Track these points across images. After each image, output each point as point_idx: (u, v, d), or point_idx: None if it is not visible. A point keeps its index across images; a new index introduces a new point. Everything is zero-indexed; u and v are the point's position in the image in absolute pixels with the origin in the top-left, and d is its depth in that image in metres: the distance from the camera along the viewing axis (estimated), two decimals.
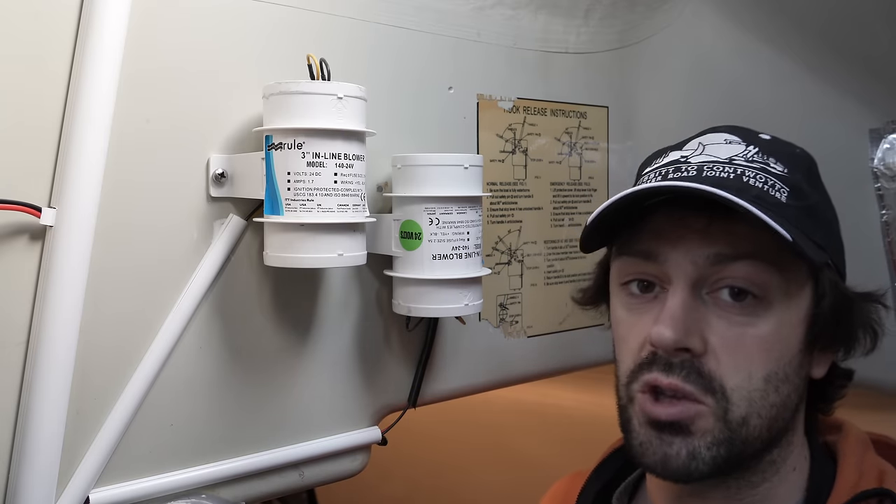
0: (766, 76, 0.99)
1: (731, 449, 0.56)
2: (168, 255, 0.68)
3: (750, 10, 0.99)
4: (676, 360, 0.56)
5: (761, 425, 0.56)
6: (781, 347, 0.56)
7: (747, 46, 1.00)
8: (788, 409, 0.58)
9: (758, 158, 0.59)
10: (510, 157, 0.93)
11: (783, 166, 0.58)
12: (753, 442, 0.57)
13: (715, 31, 1.03)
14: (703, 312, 0.57)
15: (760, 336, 0.56)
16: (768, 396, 0.56)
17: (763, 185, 0.56)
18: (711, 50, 1.04)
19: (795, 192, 0.57)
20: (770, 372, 0.56)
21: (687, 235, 0.57)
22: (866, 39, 0.90)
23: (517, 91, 0.93)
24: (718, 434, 0.55)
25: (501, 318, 0.92)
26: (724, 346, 0.56)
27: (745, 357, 0.56)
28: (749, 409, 0.56)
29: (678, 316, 0.56)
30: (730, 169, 0.58)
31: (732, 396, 0.55)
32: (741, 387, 0.56)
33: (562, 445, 1.62)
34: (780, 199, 0.56)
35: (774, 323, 0.56)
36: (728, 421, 0.55)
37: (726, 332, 0.56)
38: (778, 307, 0.56)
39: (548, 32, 0.96)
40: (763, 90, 0.99)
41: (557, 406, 1.58)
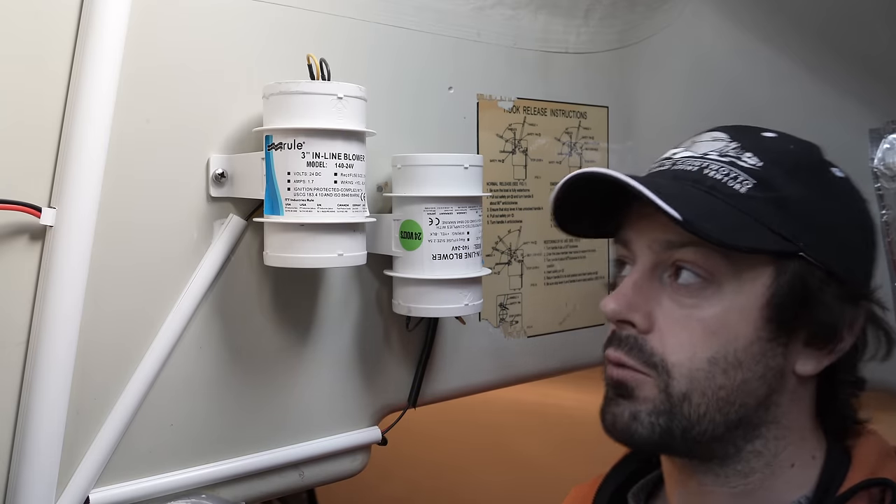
0: (765, 76, 0.99)
1: (671, 421, 0.58)
2: (168, 255, 0.68)
3: (750, 9, 0.99)
4: (624, 334, 0.61)
5: (707, 405, 0.58)
6: (729, 331, 0.58)
7: (747, 46, 1.00)
8: (751, 397, 0.59)
9: (732, 153, 0.61)
10: (510, 157, 0.93)
11: (760, 160, 0.60)
12: (701, 420, 0.58)
13: (715, 31, 1.03)
14: (657, 293, 0.60)
15: (704, 318, 0.58)
16: (714, 378, 0.58)
17: (723, 178, 0.59)
18: (711, 50, 1.04)
19: (763, 184, 0.58)
20: (715, 354, 0.58)
21: (643, 222, 0.62)
22: (866, 39, 0.90)
23: (517, 91, 0.93)
24: (660, 404, 0.59)
25: (501, 318, 0.92)
26: (670, 326, 0.59)
27: (689, 337, 0.58)
28: (690, 385, 0.58)
29: (624, 292, 0.60)
30: (697, 163, 0.61)
31: (673, 371, 0.58)
32: (682, 364, 0.58)
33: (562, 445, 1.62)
34: (738, 189, 0.58)
35: (721, 307, 0.58)
36: (669, 394, 0.58)
37: (673, 312, 0.59)
38: (728, 291, 0.58)
39: (548, 32, 0.96)
40: (763, 90, 0.99)
41: (557, 406, 1.58)
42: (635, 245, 0.62)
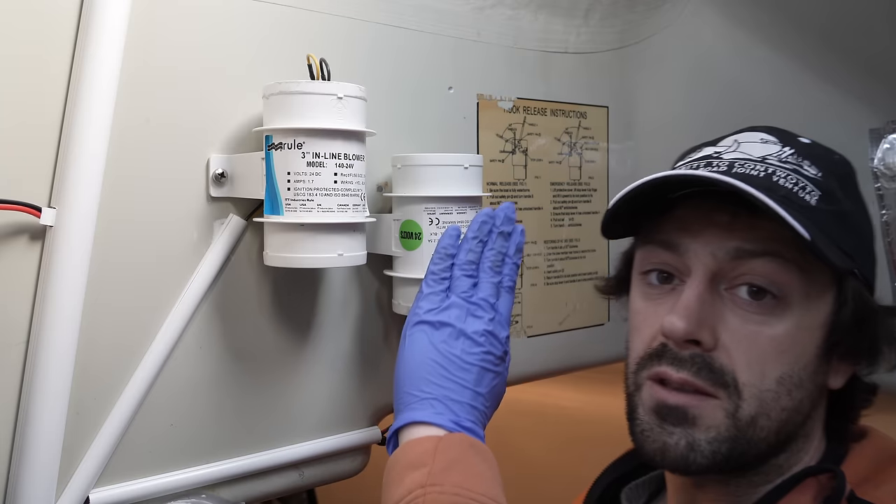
0: (765, 76, 0.99)
1: (734, 447, 0.55)
2: (168, 255, 0.68)
3: (750, 10, 0.99)
4: (686, 353, 0.56)
5: (769, 428, 0.56)
6: (797, 350, 0.55)
7: (747, 46, 1.00)
8: (800, 415, 0.57)
9: (791, 160, 0.58)
10: (510, 157, 0.93)
11: (817, 170, 0.58)
12: (759, 444, 0.56)
13: (715, 31, 1.03)
14: (719, 307, 0.56)
15: (776, 336, 0.55)
16: (780, 399, 0.55)
17: (793, 187, 0.56)
18: (711, 50, 1.04)
19: (827, 196, 0.56)
20: (784, 374, 0.55)
21: (709, 228, 0.57)
22: (866, 39, 0.90)
23: (517, 91, 0.93)
24: (724, 431, 0.55)
25: None
26: (737, 343, 0.55)
27: (759, 355, 0.55)
28: (760, 409, 0.55)
29: (692, 307, 0.55)
30: (761, 167, 0.57)
31: (744, 392, 0.55)
32: (753, 384, 0.55)
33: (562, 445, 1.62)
34: (809, 201, 0.56)
35: (791, 324, 0.55)
36: (737, 419, 0.55)
37: (740, 328, 0.55)
38: (797, 309, 0.55)
39: (548, 32, 0.96)
40: (763, 90, 0.99)
41: (557, 406, 1.58)
42: (692, 252, 0.57)
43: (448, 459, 0.57)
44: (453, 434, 0.60)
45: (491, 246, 0.68)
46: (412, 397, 0.62)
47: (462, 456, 0.57)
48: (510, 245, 0.69)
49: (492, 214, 0.69)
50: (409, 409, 0.62)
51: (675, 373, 0.56)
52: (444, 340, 0.63)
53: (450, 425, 0.60)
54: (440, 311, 0.65)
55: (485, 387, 0.63)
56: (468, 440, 0.60)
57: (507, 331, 0.67)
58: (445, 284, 0.67)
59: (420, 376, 0.62)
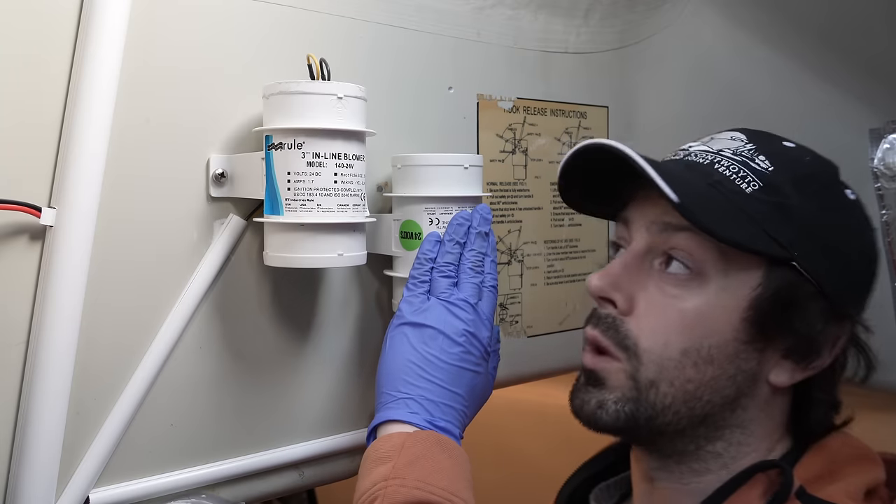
0: (765, 76, 0.99)
1: (637, 409, 0.59)
2: (168, 255, 0.68)
3: (750, 10, 0.99)
4: (603, 313, 0.62)
5: (674, 395, 0.58)
6: (707, 326, 0.58)
7: (747, 46, 1.00)
8: (717, 395, 0.59)
9: (746, 154, 0.60)
10: (510, 157, 0.93)
11: (771, 165, 0.59)
12: (665, 411, 0.59)
13: (715, 31, 1.03)
14: (644, 277, 0.60)
15: (684, 309, 0.58)
16: (684, 370, 0.58)
17: (731, 175, 0.59)
18: (711, 50, 1.04)
19: (770, 188, 0.58)
20: (689, 347, 0.58)
21: (645, 202, 0.62)
22: (866, 39, 0.90)
23: (517, 91, 0.93)
24: (627, 392, 0.59)
25: (501, 318, 0.92)
26: (649, 313, 0.59)
27: (665, 325, 0.58)
28: (659, 373, 0.58)
29: (611, 270, 0.61)
30: (710, 157, 0.61)
31: (643, 357, 0.59)
32: (653, 350, 0.59)
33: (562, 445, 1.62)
34: (743, 188, 0.58)
35: (702, 301, 0.58)
36: (637, 380, 0.59)
37: (656, 299, 0.59)
38: (712, 287, 0.58)
39: (548, 32, 0.96)
40: (763, 90, 0.99)
41: (557, 406, 1.58)
42: (634, 225, 0.62)
43: (413, 455, 0.59)
44: (421, 431, 0.62)
45: (470, 247, 0.70)
46: (389, 397, 0.64)
47: (427, 452, 0.60)
48: (489, 245, 0.71)
49: (468, 216, 0.72)
50: (386, 408, 0.64)
51: (591, 330, 0.62)
52: (423, 341, 0.65)
53: (423, 424, 0.62)
54: (419, 312, 0.67)
55: (463, 387, 0.65)
56: (436, 437, 0.62)
57: (488, 331, 0.69)
58: (426, 287, 0.69)
59: (398, 377, 0.65)
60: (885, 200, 0.90)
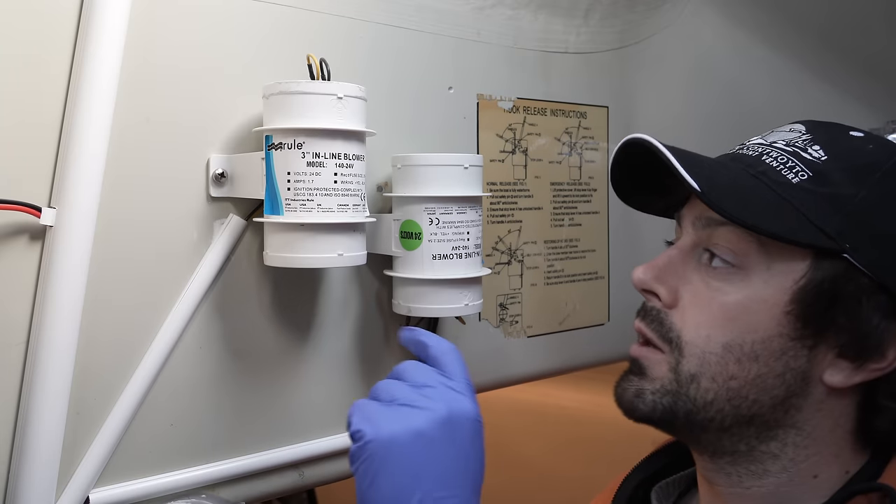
0: (765, 76, 0.99)
1: (675, 402, 0.58)
2: (168, 255, 0.68)
3: (750, 10, 0.99)
4: (649, 306, 0.61)
5: (716, 392, 0.57)
6: (749, 320, 0.56)
7: (747, 46, 1.00)
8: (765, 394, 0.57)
9: (799, 144, 0.59)
10: (510, 157, 0.93)
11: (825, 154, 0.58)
12: (707, 407, 0.57)
13: (715, 31, 1.03)
14: (690, 271, 0.60)
15: (725, 303, 0.57)
16: (727, 366, 0.57)
17: (778, 166, 0.58)
18: (711, 50, 1.04)
19: (819, 177, 0.56)
20: (731, 341, 0.57)
21: (693, 199, 0.62)
22: (865, 39, 0.90)
23: (517, 91, 0.93)
24: (668, 384, 0.59)
25: (501, 318, 0.92)
26: (693, 305, 0.59)
27: (707, 319, 0.58)
28: (700, 368, 0.57)
29: (657, 264, 0.61)
30: (760, 149, 0.60)
31: (685, 350, 0.58)
32: (696, 344, 0.58)
33: (562, 445, 1.62)
34: (789, 179, 0.56)
35: (745, 295, 0.57)
36: (678, 373, 0.58)
37: (699, 292, 0.59)
38: (755, 280, 0.57)
39: (548, 32, 0.96)
40: (762, 90, 1.00)
41: (557, 406, 1.59)
42: (683, 221, 0.62)
43: None
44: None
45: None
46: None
47: None
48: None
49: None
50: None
51: (638, 322, 0.62)
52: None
53: None
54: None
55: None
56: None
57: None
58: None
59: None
60: None
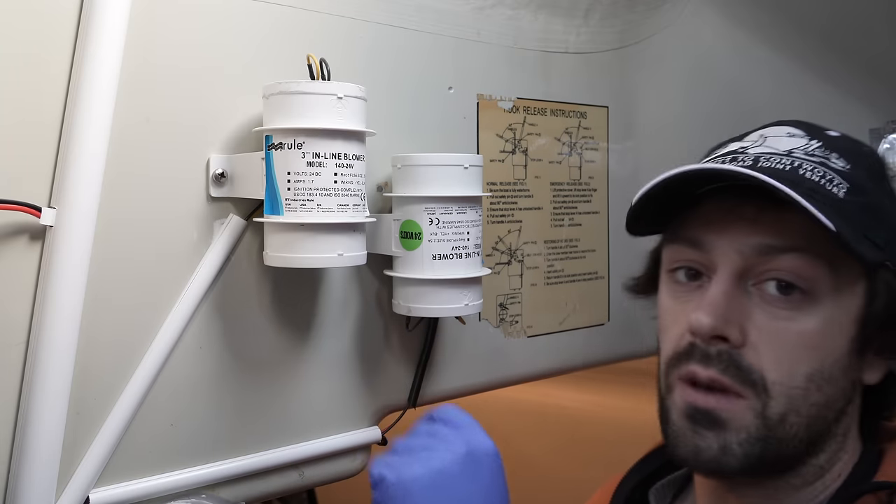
0: (765, 76, 0.99)
1: (766, 447, 0.54)
2: (168, 255, 0.68)
3: (750, 10, 0.99)
4: (713, 350, 0.55)
5: (799, 424, 0.55)
6: (827, 346, 0.55)
7: (747, 46, 1.00)
8: (832, 411, 0.56)
9: (818, 152, 0.57)
10: (510, 157, 0.93)
11: (846, 162, 0.57)
12: (790, 441, 0.55)
13: (715, 31, 1.03)
14: (746, 304, 0.55)
15: (804, 332, 0.54)
16: (810, 395, 0.54)
17: (820, 179, 0.55)
18: (711, 50, 1.04)
19: (856, 188, 0.55)
20: (813, 370, 0.54)
21: (735, 224, 0.56)
22: (866, 40, 0.90)
23: (517, 91, 0.93)
24: (754, 431, 0.54)
25: (501, 318, 0.92)
26: (766, 340, 0.54)
27: (787, 352, 0.54)
28: (788, 406, 0.54)
29: (718, 303, 0.55)
30: (787, 161, 0.57)
31: (772, 391, 0.54)
32: (781, 381, 0.54)
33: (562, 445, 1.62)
34: (836, 194, 0.55)
35: (821, 320, 0.54)
36: (766, 417, 0.54)
37: (768, 325, 0.55)
38: (826, 304, 0.54)
39: (548, 32, 0.96)
40: (763, 90, 1.00)
41: (557, 406, 1.59)
42: (718, 249, 0.57)
43: None
44: None
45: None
46: None
47: None
48: None
49: None
50: None
51: (703, 370, 0.55)
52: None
53: None
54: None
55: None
56: None
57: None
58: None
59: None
60: None
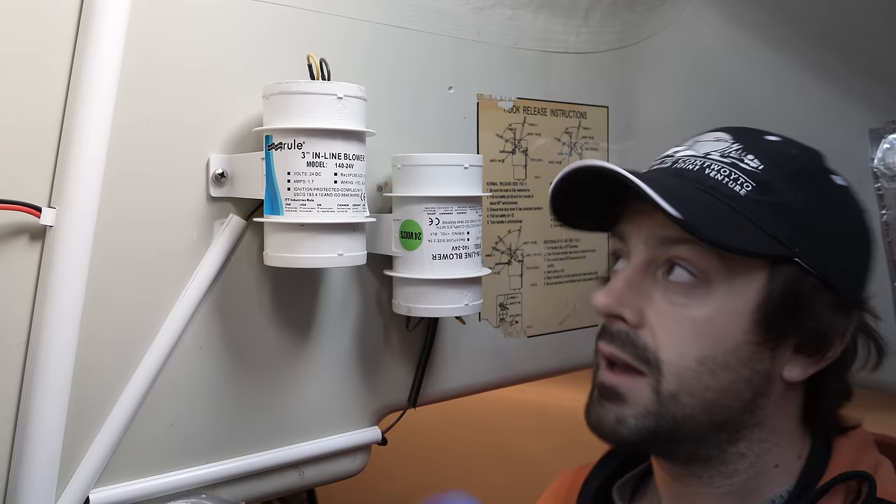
0: (765, 76, 0.99)
1: (659, 423, 0.59)
2: (168, 255, 0.68)
3: (750, 10, 0.99)
4: (614, 329, 0.61)
5: (694, 405, 0.58)
6: (718, 333, 0.58)
7: (747, 46, 1.00)
8: (736, 400, 0.59)
9: (734, 155, 0.61)
10: (510, 157, 0.93)
11: (761, 163, 0.60)
12: (686, 421, 0.59)
13: (715, 31, 1.03)
14: (649, 289, 0.60)
15: (696, 319, 0.58)
16: (702, 378, 0.58)
17: (724, 178, 0.59)
18: (711, 50, 1.04)
19: (762, 186, 0.58)
20: (704, 355, 0.58)
21: (641, 217, 0.62)
22: (866, 39, 0.90)
23: (517, 91, 0.93)
24: (650, 406, 0.59)
25: (501, 318, 0.92)
26: (661, 323, 0.59)
27: (679, 336, 0.58)
28: (679, 385, 0.58)
29: (616, 286, 0.61)
30: (699, 162, 0.61)
31: (664, 369, 0.58)
32: (672, 362, 0.58)
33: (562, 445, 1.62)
34: (737, 191, 0.58)
35: (712, 308, 0.58)
36: (659, 393, 0.59)
37: (665, 309, 0.59)
38: (719, 293, 0.58)
39: (548, 32, 0.96)
40: (763, 90, 0.99)
41: (557, 406, 1.58)
42: (631, 240, 0.62)
43: None
44: None
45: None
46: None
47: None
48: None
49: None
50: None
51: (606, 346, 0.61)
52: None
53: None
54: None
55: None
56: None
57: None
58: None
59: None
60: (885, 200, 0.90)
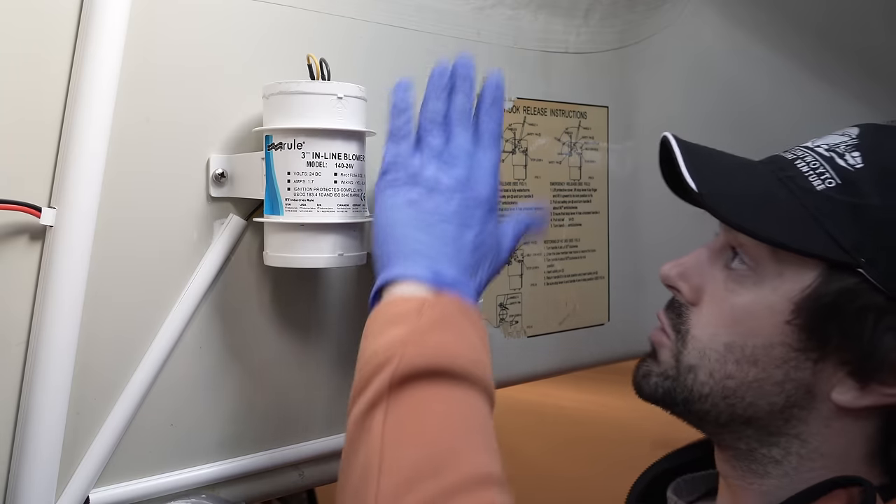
0: (765, 76, 0.99)
1: (674, 388, 0.62)
2: (168, 255, 0.68)
3: (750, 10, 0.99)
4: (674, 299, 0.65)
5: (712, 387, 0.59)
6: (752, 324, 0.57)
7: (747, 46, 1.00)
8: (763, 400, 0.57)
9: (840, 149, 0.57)
10: (510, 157, 0.93)
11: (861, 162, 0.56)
12: (702, 399, 0.60)
13: (715, 31, 1.03)
14: (715, 270, 0.62)
15: (734, 304, 0.59)
16: (725, 365, 0.59)
17: (807, 171, 0.57)
18: (711, 50, 1.04)
19: (846, 186, 0.55)
20: (733, 342, 0.58)
21: None
22: (866, 39, 0.90)
23: (517, 91, 0.93)
24: (669, 370, 0.62)
25: (501, 318, 0.93)
26: (708, 303, 0.61)
27: (717, 318, 0.60)
28: (700, 362, 0.60)
29: (684, 262, 0.63)
30: (800, 152, 0.61)
31: (689, 343, 0.61)
32: (700, 339, 0.60)
33: (561, 445, 1.62)
34: (814, 185, 0.56)
35: (752, 298, 0.58)
36: (679, 362, 0.62)
37: (717, 292, 0.61)
38: (766, 286, 0.58)
39: (548, 32, 0.96)
40: (762, 90, 1.00)
41: (557, 406, 1.59)
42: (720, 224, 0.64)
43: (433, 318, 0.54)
44: (441, 294, 0.56)
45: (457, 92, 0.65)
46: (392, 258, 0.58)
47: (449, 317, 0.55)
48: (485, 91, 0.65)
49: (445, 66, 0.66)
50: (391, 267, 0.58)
51: (662, 310, 0.66)
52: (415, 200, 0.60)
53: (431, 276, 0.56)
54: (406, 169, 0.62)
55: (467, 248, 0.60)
56: (458, 302, 0.56)
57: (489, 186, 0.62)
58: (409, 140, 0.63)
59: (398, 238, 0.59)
60: None
